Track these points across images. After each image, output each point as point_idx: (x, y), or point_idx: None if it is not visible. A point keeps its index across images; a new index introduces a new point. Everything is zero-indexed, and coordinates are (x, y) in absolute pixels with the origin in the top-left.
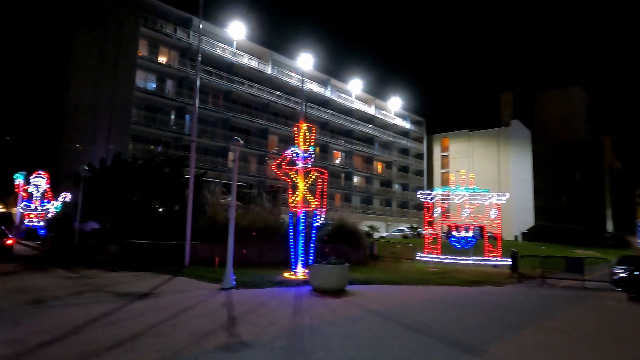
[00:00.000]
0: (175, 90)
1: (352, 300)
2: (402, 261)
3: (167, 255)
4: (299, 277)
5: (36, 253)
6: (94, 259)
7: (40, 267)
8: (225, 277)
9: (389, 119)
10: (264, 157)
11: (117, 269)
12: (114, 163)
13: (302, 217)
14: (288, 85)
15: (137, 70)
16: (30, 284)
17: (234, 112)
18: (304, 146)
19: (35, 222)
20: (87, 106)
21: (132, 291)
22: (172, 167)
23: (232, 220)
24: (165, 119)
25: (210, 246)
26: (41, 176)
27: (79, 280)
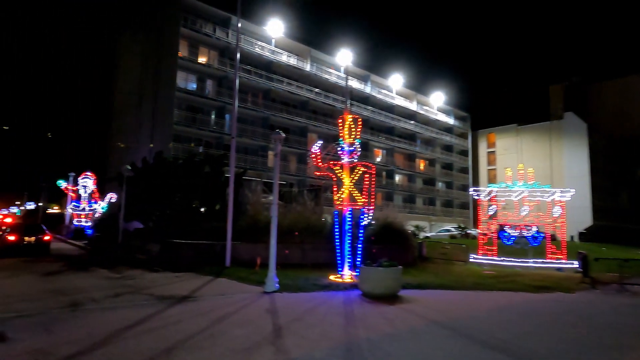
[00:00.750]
0: (215, 89)
1: (409, 308)
2: (453, 263)
3: (209, 256)
4: (346, 281)
5: (82, 253)
6: (137, 259)
7: (84, 267)
8: (268, 280)
9: (431, 115)
10: (303, 155)
11: (159, 270)
12: (156, 162)
13: (348, 215)
14: (327, 82)
15: (178, 70)
16: (71, 285)
17: (272, 110)
18: (349, 139)
19: (84, 222)
20: (131, 108)
21: (172, 294)
22: (212, 166)
23: (274, 219)
24: (206, 118)
25: (251, 246)
26: (88, 177)
27: (120, 281)
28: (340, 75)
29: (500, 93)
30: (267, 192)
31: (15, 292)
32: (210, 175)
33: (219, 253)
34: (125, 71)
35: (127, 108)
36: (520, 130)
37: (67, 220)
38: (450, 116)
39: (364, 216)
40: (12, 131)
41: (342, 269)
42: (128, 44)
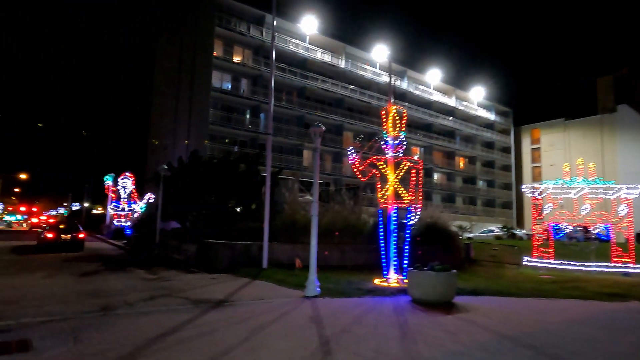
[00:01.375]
0: (249, 88)
1: (469, 318)
2: (504, 266)
3: (245, 257)
4: (392, 285)
5: (121, 252)
6: (173, 260)
7: (121, 267)
8: (308, 284)
9: (471, 111)
10: (339, 154)
11: (195, 271)
12: (191, 161)
13: (394, 214)
14: (362, 78)
15: (213, 70)
16: (105, 287)
17: (307, 108)
18: (394, 132)
19: (123, 222)
20: (168, 109)
21: (207, 297)
22: (247, 164)
23: (314, 218)
24: (241, 118)
25: (288, 247)
26: (127, 177)
27: (155, 282)
28: (376, 71)
29: (545, 87)
30: (304, 191)
31: (50, 293)
32: (246, 174)
33: (255, 254)
34: (162, 73)
35: (165, 109)
36: (568, 125)
37: (107, 220)
38: (491, 112)
39: (410, 215)
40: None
41: (388, 272)
42: (165, 46)
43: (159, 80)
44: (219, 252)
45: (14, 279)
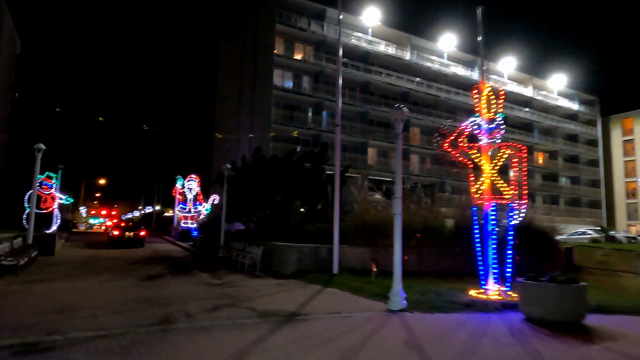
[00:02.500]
0: (311, 85)
1: (623, 349)
2: (618, 275)
3: (313, 261)
4: (492, 297)
5: (187, 254)
6: (238, 263)
7: (185, 270)
8: (393, 295)
9: (550, 101)
10: (405, 151)
11: (261, 275)
12: (254, 160)
13: (492, 212)
14: (429, 70)
15: (274, 68)
16: (167, 293)
17: (371, 104)
18: (489, 114)
19: (190, 223)
20: (231, 110)
21: (276, 309)
22: (312, 162)
23: (398, 217)
24: (303, 116)
25: (360, 250)
26: (193, 179)
27: (219, 288)
28: (444, 62)
29: (636, 70)
30: (374, 190)
31: (109, 300)
32: (311, 172)
33: (324, 258)
34: (225, 75)
35: (228, 111)
36: None
37: (175, 223)
38: (574, 101)
39: (513, 214)
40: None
41: (486, 281)
42: (227, 48)
43: (222, 82)
44: (285, 255)
45: (78, 282)
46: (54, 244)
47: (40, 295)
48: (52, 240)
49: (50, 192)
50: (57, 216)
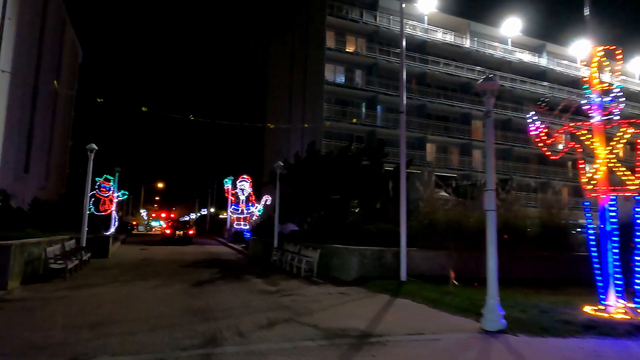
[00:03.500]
0: (364, 79)
1: None
2: None
3: (377, 266)
4: (616, 316)
5: (239, 257)
6: (293, 267)
7: (238, 275)
8: (488, 311)
9: (632, 87)
10: (466, 146)
11: (319, 282)
12: (308, 157)
13: (611, 208)
14: (492, 58)
15: (325, 63)
16: (217, 302)
17: (428, 96)
18: (602, 85)
19: (242, 225)
20: (282, 109)
21: (343, 326)
22: (370, 157)
23: (491, 214)
24: (356, 111)
25: (430, 254)
26: (245, 180)
27: (275, 298)
28: (507, 48)
29: None
30: (441, 187)
31: (153, 311)
32: (368, 168)
33: (389, 262)
34: (275, 74)
35: (279, 109)
36: None
37: (228, 224)
38: None
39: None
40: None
41: (606, 295)
42: (277, 46)
43: (272, 82)
44: (345, 259)
45: (125, 287)
46: (107, 246)
47: (82, 303)
48: (105, 242)
49: (108, 195)
50: (115, 218)
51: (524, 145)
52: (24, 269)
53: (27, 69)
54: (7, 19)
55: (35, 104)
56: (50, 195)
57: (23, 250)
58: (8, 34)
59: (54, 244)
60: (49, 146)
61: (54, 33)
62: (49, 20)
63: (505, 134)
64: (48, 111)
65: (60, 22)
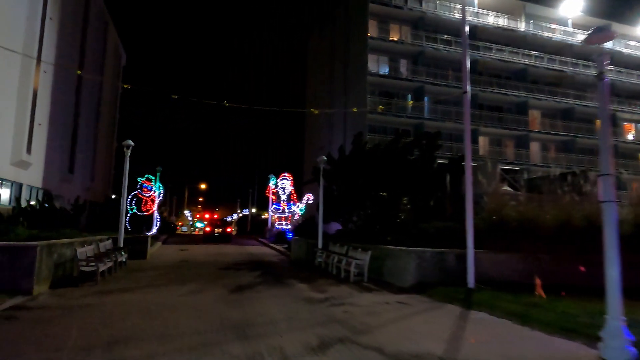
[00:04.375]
0: (410, 69)
1: None
2: None
3: (437, 270)
4: None
5: (282, 258)
6: (342, 271)
7: (280, 278)
8: (610, 336)
9: None
10: (524, 138)
11: (373, 288)
12: (354, 150)
13: None
14: (550, 42)
15: (368, 54)
16: (257, 313)
17: (480, 85)
18: None
19: (284, 225)
20: (322, 105)
21: (415, 350)
22: (421, 150)
23: (611, 207)
24: (401, 103)
25: (499, 257)
26: (286, 178)
27: (323, 308)
28: (567, 30)
29: None
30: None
31: (183, 325)
32: (420, 162)
33: (452, 266)
34: (315, 68)
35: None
36: None
37: (269, 224)
38: None
39: None
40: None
41: None
42: (317, 41)
43: (312, 77)
44: (401, 262)
45: (158, 293)
46: (146, 247)
47: (106, 313)
48: (144, 242)
49: (150, 195)
50: (157, 218)
51: (589, 136)
52: (54, 272)
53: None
54: (49, 19)
55: (79, 105)
56: (96, 196)
57: (52, 252)
58: (50, 34)
59: (86, 245)
60: (94, 147)
61: (97, 35)
62: (91, 22)
63: (568, 124)
64: (92, 113)
65: (103, 25)
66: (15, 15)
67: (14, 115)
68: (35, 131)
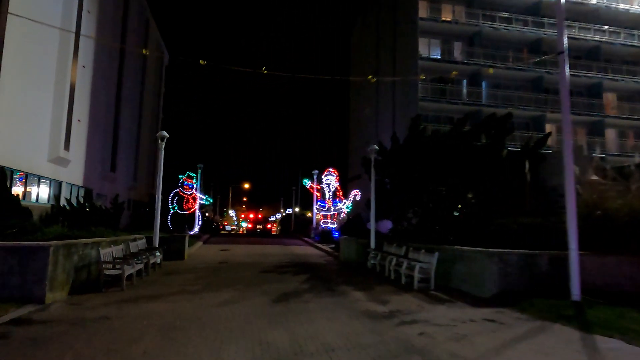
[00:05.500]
0: (465, 51)
1: None
2: None
3: (525, 276)
4: None
5: (329, 260)
6: (403, 275)
7: (330, 284)
8: None
9: None
10: (597, 124)
11: (444, 298)
12: (410, 136)
13: None
14: (627, 15)
15: (418, 37)
16: (304, 335)
17: (547, 66)
18: None
19: (330, 223)
20: (367, 97)
21: None
22: (490, 135)
23: None
24: (456, 89)
25: (607, 260)
26: (331, 173)
27: (390, 328)
28: None
29: None
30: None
31: (207, 355)
32: (489, 149)
33: (544, 272)
34: (359, 58)
35: (364, 98)
36: None
37: (314, 223)
38: None
39: None
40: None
41: None
42: (361, 27)
43: (355, 68)
44: (479, 266)
45: (186, 303)
46: (183, 247)
47: (119, 332)
48: (181, 242)
49: (192, 193)
50: (199, 217)
51: None
52: (75, 276)
53: (109, 66)
54: (86, 12)
55: (120, 102)
56: (140, 195)
57: (71, 253)
58: (87, 28)
59: (113, 245)
60: (136, 146)
61: (138, 31)
62: (131, 18)
63: None
64: (134, 111)
65: (144, 21)
66: (51, 5)
67: (51, 109)
68: (74, 127)
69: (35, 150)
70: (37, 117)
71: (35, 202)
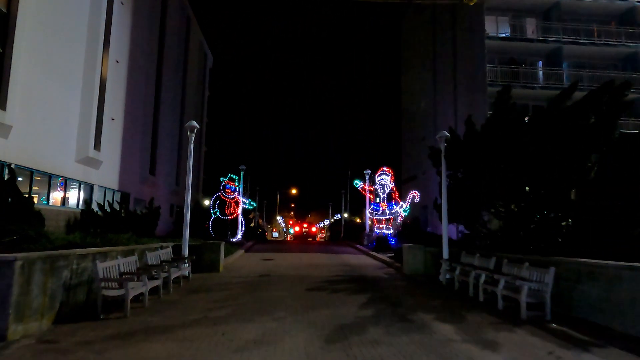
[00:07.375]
0: (540, 27)
1: None
2: None
3: None
4: None
5: (391, 273)
6: (497, 297)
7: (400, 309)
8: None
9: None
10: None
11: (575, 336)
12: (492, 118)
13: None
14: None
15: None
16: None
17: (636, 39)
18: None
19: (385, 228)
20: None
21: None
22: (600, 113)
23: None
24: (530, 71)
25: None
26: (385, 173)
27: None
28: None
29: None
30: None
31: None
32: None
33: None
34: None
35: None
36: None
37: (367, 228)
38: None
39: None
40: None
41: None
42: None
43: (407, 59)
44: (624, 289)
45: (201, 342)
46: (218, 256)
47: None
48: (215, 251)
49: (234, 196)
50: (242, 222)
51: None
52: (66, 298)
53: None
54: (120, 3)
55: (159, 101)
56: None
57: (57, 268)
58: (121, 21)
59: (120, 257)
60: (178, 149)
61: (178, 30)
62: (170, 15)
63: None
64: (175, 112)
65: (185, 20)
66: None
67: (79, 105)
68: (107, 126)
69: (59, 149)
70: (61, 112)
71: (62, 207)
